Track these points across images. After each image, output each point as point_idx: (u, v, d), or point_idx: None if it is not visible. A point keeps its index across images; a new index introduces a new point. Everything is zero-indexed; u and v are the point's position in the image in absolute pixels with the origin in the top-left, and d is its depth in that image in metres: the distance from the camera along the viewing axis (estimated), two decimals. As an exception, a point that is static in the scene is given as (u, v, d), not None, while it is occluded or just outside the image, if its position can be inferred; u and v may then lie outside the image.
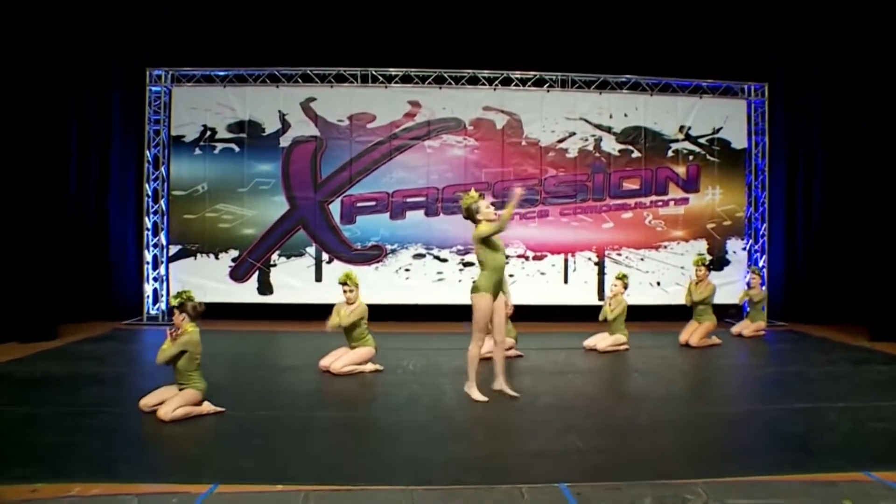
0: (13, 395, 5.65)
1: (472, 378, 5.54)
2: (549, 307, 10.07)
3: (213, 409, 5.10)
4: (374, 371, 6.65)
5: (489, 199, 9.95)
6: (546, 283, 10.19)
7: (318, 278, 9.96)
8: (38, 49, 8.68)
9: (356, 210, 10.11)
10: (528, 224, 10.18)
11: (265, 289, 9.97)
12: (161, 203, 9.98)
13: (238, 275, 9.89)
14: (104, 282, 10.08)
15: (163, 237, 9.99)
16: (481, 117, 10.21)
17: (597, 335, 8.13)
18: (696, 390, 6.60)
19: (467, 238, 9.95)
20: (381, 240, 10.10)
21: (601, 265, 10.32)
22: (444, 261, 10.15)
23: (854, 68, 10.14)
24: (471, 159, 10.20)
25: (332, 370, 6.53)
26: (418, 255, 10.12)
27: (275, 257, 10.00)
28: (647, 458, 4.27)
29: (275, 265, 10.00)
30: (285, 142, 10.00)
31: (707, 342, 8.38)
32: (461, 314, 9.64)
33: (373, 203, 10.11)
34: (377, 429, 4.91)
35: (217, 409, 5.11)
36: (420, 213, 10.14)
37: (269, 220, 9.98)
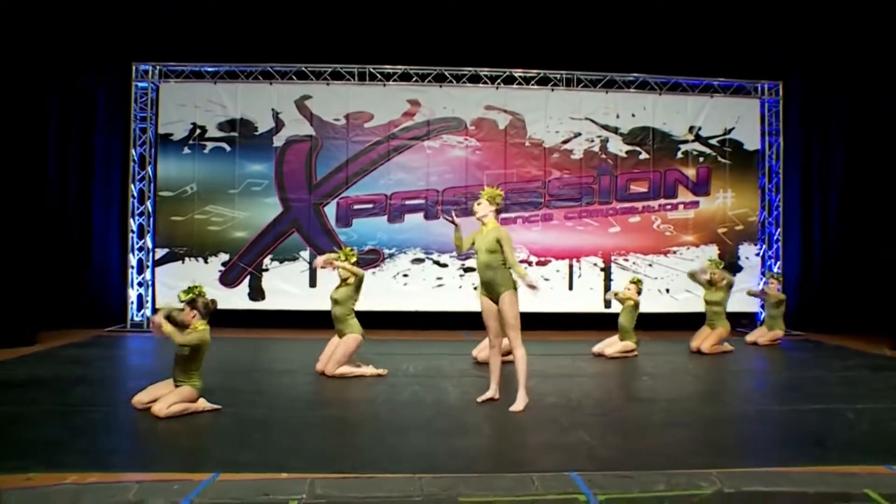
0: (-3, 395, 5.76)
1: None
2: (554, 315, 10.21)
3: (210, 406, 5.23)
4: (375, 375, 6.76)
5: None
6: (550, 290, 10.31)
7: (313, 284, 10.10)
8: (14, 41, 8.74)
9: (353, 213, 10.28)
10: (531, 228, 10.36)
11: (257, 294, 10.11)
12: (147, 204, 10.14)
13: (228, 280, 10.03)
14: (85, 287, 10.19)
15: (149, 240, 10.13)
16: (483, 117, 10.42)
17: (605, 340, 8.29)
18: (709, 391, 6.76)
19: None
20: (378, 244, 10.26)
21: (607, 271, 10.49)
22: (443, 266, 10.31)
23: (874, 65, 10.31)
24: (472, 160, 10.40)
25: (327, 373, 6.66)
26: (417, 260, 10.28)
27: (267, 262, 10.15)
28: (659, 452, 4.42)
29: (267, 270, 10.14)
30: (279, 141, 10.19)
31: (719, 349, 8.55)
32: (461, 321, 9.92)
33: (370, 205, 10.29)
34: (379, 424, 5.05)
35: (213, 407, 5.24)
36: (419, 216, 10.31)
37: (262, 223, 10.14)
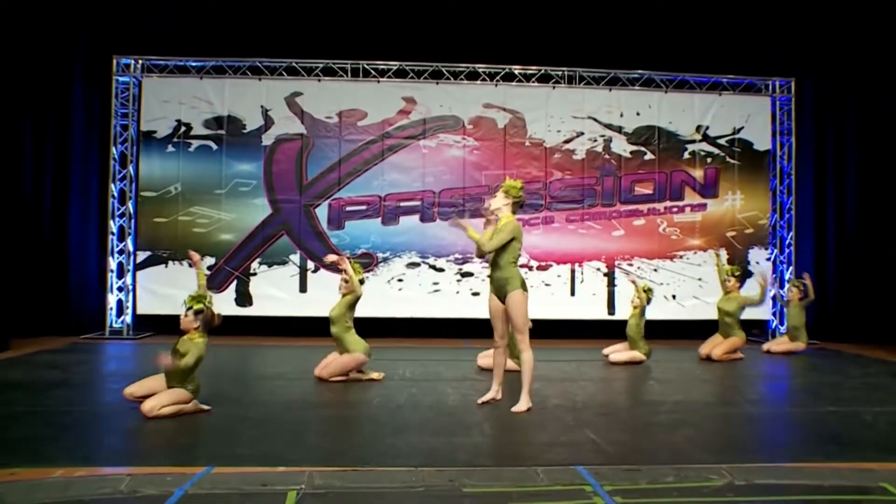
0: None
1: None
2: (554, 322, 10.24)
3: (201, 406, 5.32)
4: (369, 380, 6.87)
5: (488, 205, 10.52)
6: (551, 296, 10.47)
7: (303, 289, 10.22)
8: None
9: (345, 215, 10.41)
10: (531, 231, 10.48)
11: (244, 300, 10.21)
12: (128, 205, 10.23)
13: (214, 285, 10.08)
14: (61, 292, 10.21)
15: (130, 243, 10.22)
16: (481, 115, 10.59)
17: (615, 345, 8.43)
18: (719, 394, 6.87)
19: (465, 246, 10.33)
20: (372, 247, 10.38)
21: (611, 276, 10.63)
22: (440, 270, 10.43)
23: (893, 60, 10.44)
24: (470, 161, 10.55)
25: (323, 376, 6.79)
26: (412, 265, 10.40)
27: (255, 266, 10.25)
28: (666, 448, 4.56)
29: (255, 274, 10.24)
30: (268, 140, 10.32)
31: (730, 356, 8.66)
32: (459, 329, 10.04)
33: (363, 207, 10.42)
34: (377, 424, 5.16)
35: (204, 408, 5.34)
36: (415, 219, 10.45)
37: (250, 225, 10.25)
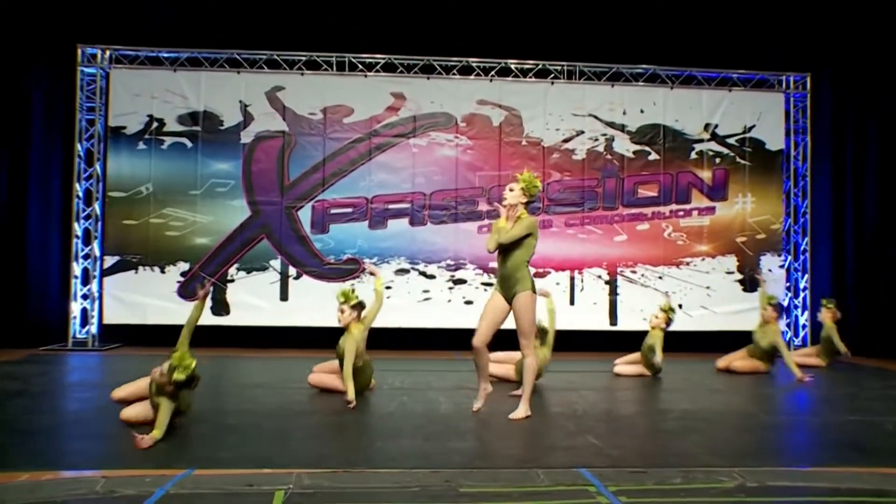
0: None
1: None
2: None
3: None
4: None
5: (484, 206, 10.60)
6: (551, 305, 10.52)
7: (284, 297, 10.20)
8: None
9: (330, 217, 10.45)
10: (529, 236, 10.54)
11: (220, 308, 10.19)
12: (95, 206, 10.22)
13: (188, 292, 10.07)
14: (19, 300, 10.12)
15: (96, 247, 10.19)
16: (475, 112, 10.66)
17: (627, 356, 8.46)
18: (731, 403, 6.86)
19: (457, 251, 10.44)
20: (358, 252, 10.40)
21: (613, 284, 10.70)
22: (431, 277, 10.48)
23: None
24: (463, 160, 10.63)
25: (309, 379, 6.79)
26: (401, 271, 10.44)
27: (232, 272, 10.25)
28: (674, 452, 4.62)
29: (232, 281, 10.24)
30: (247, 137, 10.35)
31: (751, 367, 8.60)
32: (450, 339, 10.02)
33: (349, 210, 10.46)
34: (367, 428, 5.24)
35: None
36: (404, 222, 10.50)
37: (227, 228, 10.25)
